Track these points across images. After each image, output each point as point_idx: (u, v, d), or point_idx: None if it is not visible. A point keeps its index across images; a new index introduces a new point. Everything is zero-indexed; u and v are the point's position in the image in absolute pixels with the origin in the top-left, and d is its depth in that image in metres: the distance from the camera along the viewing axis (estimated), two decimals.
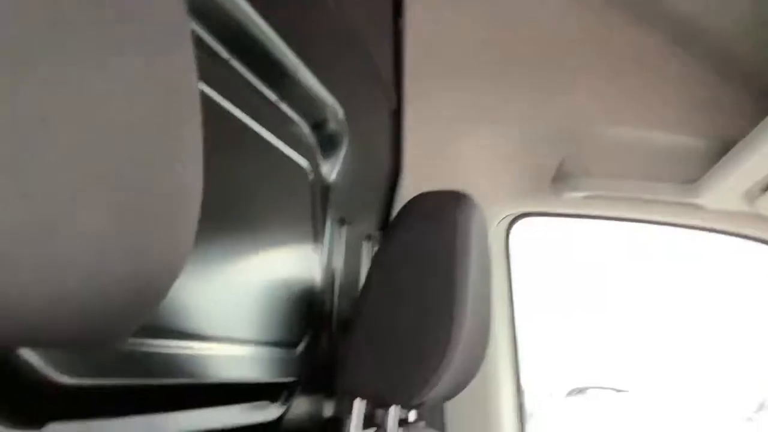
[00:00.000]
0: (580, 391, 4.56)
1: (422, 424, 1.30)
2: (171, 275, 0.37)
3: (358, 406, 0.76)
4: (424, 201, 0.79)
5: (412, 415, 1.31)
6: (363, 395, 0.75)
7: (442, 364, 0.71)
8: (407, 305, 0.74)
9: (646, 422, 3.74)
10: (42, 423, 0.54)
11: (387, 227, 1.13)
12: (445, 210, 0.75)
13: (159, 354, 0.68)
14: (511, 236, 1.61)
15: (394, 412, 0.84)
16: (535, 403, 5.80)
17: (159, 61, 0.34)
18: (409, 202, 0.81)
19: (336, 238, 1.20)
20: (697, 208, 1.29)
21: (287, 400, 1.00)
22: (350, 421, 0.76)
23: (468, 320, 0.73)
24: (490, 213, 1.48)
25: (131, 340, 0.64)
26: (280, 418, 0.98)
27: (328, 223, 1.16)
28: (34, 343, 0.37)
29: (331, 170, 1.15)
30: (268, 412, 0.95)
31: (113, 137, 0.32)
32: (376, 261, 0.77)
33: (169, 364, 0.69)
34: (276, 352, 0.91)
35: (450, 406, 1.58)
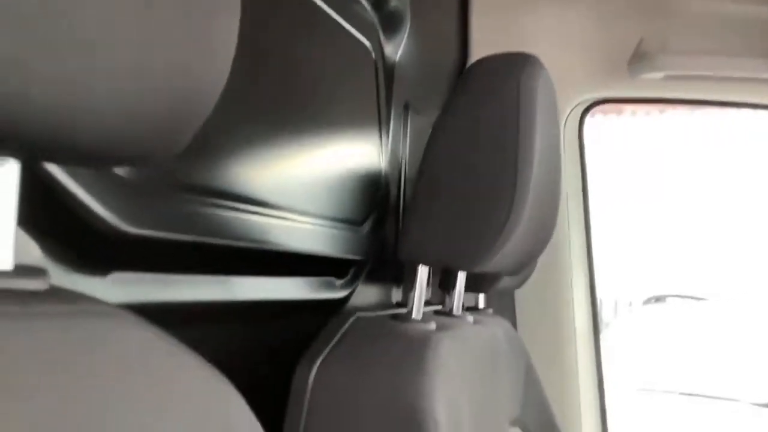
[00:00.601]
0: (658, 299, 4.49)
1: (490, 311, 1.30)
2: (213, 87, 0.36)
3: (422, 272, 0.75)
4: (486, 63, 0.76)
5: (481, 302, 1.31)
6: (425, 261, 0.74)
7: (505, 227, 0.69)
8: (469, 169, 0.71)
9: (726, 331, 3.66)
10: (106, 271, 0.56)
11: None
12: (509, 70, 0.72)
13: (225, 216, 0.68)
14: (585, 127, 1.55)
15: (461, 278, 0.84)
16: (611, 313, 5.76)
17: None
18: (471, 66, 0.78)
19: (401, 123, 1.17)
20: None
21: (354, 280, 1.00)
22: (415, 289, 0.75)
23: (532, 186, 0.71)
24: (564, 99, 1.42)
25: (198, 198, 0.64)
26: (347, 298, 0.99)
27: (393, 107, 1.14)
28: (72, 160, 0.37)
29: (394, 51, 1.11)
30: (334, 290, 0.96)
31: None
32: (436, 126, 0.75)
33: (235, 226, 0.69)
34: (341, 227, 0.91)
35: (521, 301, 1.57)
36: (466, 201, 0.71)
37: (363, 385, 0.66)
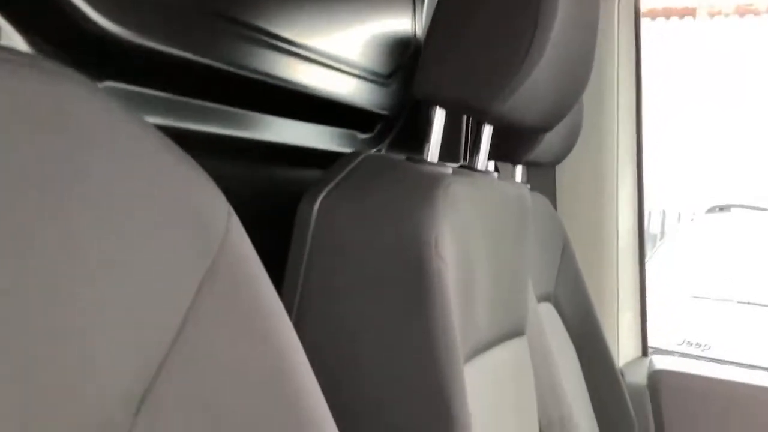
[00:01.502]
0: (722, 208, 4.34)
1: (528, 186, 1.26)
2: None
3: (438, 115, 0.72)
4: None
5: (518, 175, 1.27)
6: (441, 102, 0.71)
7: (523, 65, 0.65)
8: (489, 6, 0.67)
9: None
10: (98, 78, 0.55)
11: None
12: None
13: (244, 45, 0.65)
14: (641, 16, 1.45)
15: (486, 132, 0.80)
16: (674, 222, 5.61)
17: None
18: None
19: None
20: None
21: (380, 139, 0.98)
22: (431, 134, 0.73)
23: (556, 28, 0.66)
24: None
25: (217, 22, 0.62)
26: None
27: None
28: None
29: None
30: (357, 145, 0.94)
31: None
32: None
33: (254, 57, 0.67)
34: (365, 76, 0.88)
35: (561, 184, 1.53)
36: (484, 39, 0.68)
37: (366, 219, 0.64)
